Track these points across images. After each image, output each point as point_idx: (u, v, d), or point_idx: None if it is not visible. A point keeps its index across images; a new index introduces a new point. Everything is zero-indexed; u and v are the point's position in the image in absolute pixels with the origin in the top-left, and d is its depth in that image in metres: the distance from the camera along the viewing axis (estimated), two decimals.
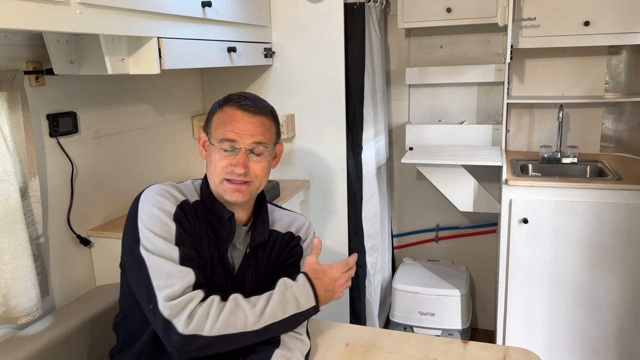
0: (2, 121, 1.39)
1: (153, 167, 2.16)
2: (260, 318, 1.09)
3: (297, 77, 2.41)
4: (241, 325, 1.07)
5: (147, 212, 1.13)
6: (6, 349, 1.38)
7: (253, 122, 1.18)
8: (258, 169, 1.19)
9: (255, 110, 1.18)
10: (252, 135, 1.17)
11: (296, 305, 1.13)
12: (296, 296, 1.14)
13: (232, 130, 1.16)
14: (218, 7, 1.86)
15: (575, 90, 2.71)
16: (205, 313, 1.06)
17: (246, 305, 1.10)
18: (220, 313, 1.07)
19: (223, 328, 1.06)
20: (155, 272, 1.08)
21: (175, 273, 1.08)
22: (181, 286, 1.07)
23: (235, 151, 1.17)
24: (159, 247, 1.10)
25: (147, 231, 1.11)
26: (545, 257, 2.30)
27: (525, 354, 1.30)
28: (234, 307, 1.09)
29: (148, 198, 1.16)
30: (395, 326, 2.80)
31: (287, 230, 1.32)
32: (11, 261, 1.39)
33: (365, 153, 2.52)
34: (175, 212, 1.15)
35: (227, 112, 1.18)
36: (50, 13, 1.18)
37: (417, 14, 2.65)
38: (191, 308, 1.06)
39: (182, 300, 1.06)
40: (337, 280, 1.19)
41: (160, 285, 1.07)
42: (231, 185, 1.17)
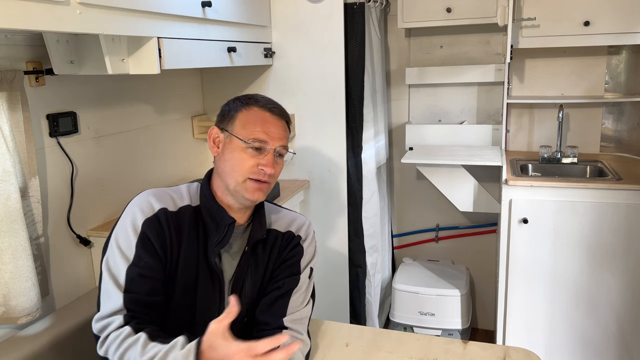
0: (2, 121, 1.39)
1: (153, 167, 2.16)
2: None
3: (297, 77, 2.41)
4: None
5: (121, 223, 1.17)
6: (6, 349, 1.38)
7: (281, 125, 1.22)
8: (278, 170, 1.23)
9: (281, 115, 1.23)
10: (280, 138, 1.21)
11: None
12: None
13: (264, 131, 1.18)
14: (218, 7, 1.86)
15: (575, 90, 2.72)
16: (113, 340, 1.09)
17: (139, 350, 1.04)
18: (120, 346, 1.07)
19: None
20: (103, 288, 1.14)
21: (110, 293, 1.12)
22: (110, 309, 1.11)
23: (263, 151, 1.18)
24: (113, 265, 1.14)
25: (114, 244, 1.16)
26: (545, 257, 2.30)
27: (525, 354, 1.30)
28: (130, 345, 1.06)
29: (128, 208, 1.19)
30: (395, 326, 2.80)
31: (287, 230, 1.32)
32: (11, 261, 1.39)
33: (365, 153, 2.52)
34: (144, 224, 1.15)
35: (256, 113, 1.20)
36: (50, 13, 1.18)
37: (417, 14, 2.65)
38: (107, 332, 1.10)
39: (105, 323, 1.11)
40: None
41: (101, 302, 1.14)
42: (254, 184, 1.18)
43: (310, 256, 1.32)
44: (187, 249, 1.19)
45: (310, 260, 1.32)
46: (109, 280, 1.13)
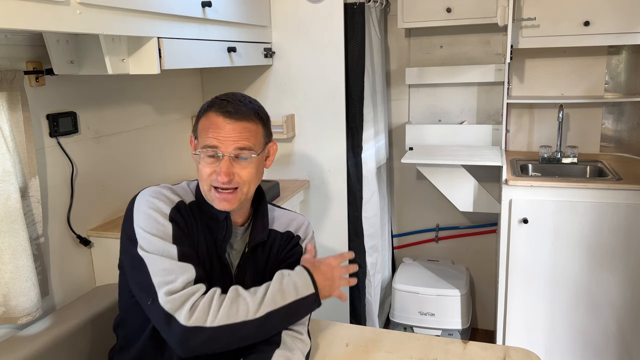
0: (2, 121, 1.39)
1: (153, 167, 2.16)
2: (261, 305, 1.09)
3: (297, 77, 2.41)
4: (243, 314, 1.07)
5: (143, 214, 1.13)
6: (6, 349, 1.38)
7: (236, 128, 1.13)
8: (244, 174, 1.15)
9: (238, 116, 1.14)
10: (234, 141, 1.13)
11: (295, 292, 1.13)
12: (294, 282, 1.14)
13: (214, 137, 1.13)
14: (218, 7, 1.86)
15: (575, 90, 2.71)
16: (207, 305, 1.06)
17: (246, 294, 1.10)
18: (221, 304, 1.07)
19: (225, 318, 1.06)
20: (154, 269, 1.08)
21: (174, 269, 1.08)
22: (182, 281, 1.07)
23: (219, 158, 1.14)
24: (156, 246, 1.10)
25: (144, 232, 1.11)
26: (545, 257, 2.30)
27: (525, 354, 1.30)
28: (234, 297, 1.09)
29: (142, 200, 1.16)
30: (395, 326, 2.80)
31: (286, 230, 1.32)
32: (11, 261, 1.39)
33: (365, 153, 2.52)
34: (171, 213, 1.15)
35: (210, 118, 1.14)
36: (50, 13, 1.18)
37: (417, 14, 2.65)
38: (193, 301, 1.05)
39: (184, 294, 1.06)
40: (334, 269, 1.20)
41: (160, 282, 1.07)
42: (218, 195, 1.15)
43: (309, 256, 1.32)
44: (202, 242, 1.19)
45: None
46: (159, 259, 1.08)
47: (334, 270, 1.20)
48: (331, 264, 1.20)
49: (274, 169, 2.52)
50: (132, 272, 1.13)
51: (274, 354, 1.18)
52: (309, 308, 1.16)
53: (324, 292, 1.17)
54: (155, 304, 1.06)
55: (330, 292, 1.19)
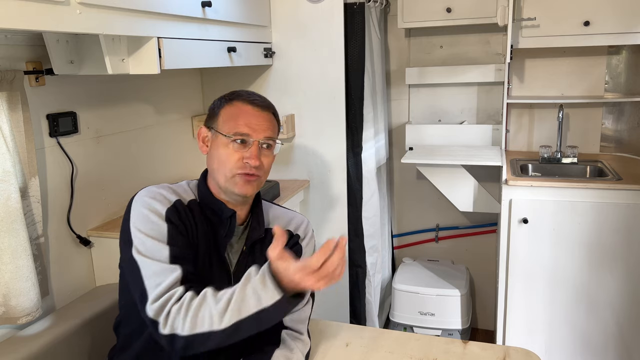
0: (2, 121, 1.39)
1: (153, 167, 2.16)
2: (224, 315, 1.02)
3: (297, 77, 2.41)
4: (207, 324, 1.02)
5: (139, 214, 1.14)
6: (6, 349, 1.38)
7: (264, 117, 1.20)
8: (267, 163, 1.21)
9: (265, 107, 1.22)
10: (264, 130, 1.19)
11: (257, 302, 1.01)
12: (256, 290, 1.02)
13: (245, 124, 1.18)
14: (218, 7, 1.86)
15: (575, 90, 2.71)
16: (177, 312, 1.04)
17: (212, 302, 1.04)
18: (188, 311, 1.04)
19: (192, 327, 1.03)
20: (147, 273, 1.09)
21: (162, 272, 1.09)
22: (167, 284, 1.07)
23: (247, 144, 1.18)
24: (150, 249, 1.11)
25: (139, 233, 1.12)
26: (545, 257, 2.30)
27: (525, 354, 1.30)
28: (199, 304, 1.04)
29: (140, 200, 1.17)
30: (395, 326, 2.80)
31: (285, 229, 1.32)
32: (11, 261, 1.39)
33: (365, 153, 2.52)
34: (167, 213, 1.15)
35: (238, 107, 1.20)
36: (50, 13, 1.18)
37: (417, 14, 2.65)
38: (169, 307, 1.05)
39: (164, 300, 1.06)
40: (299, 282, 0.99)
41: (150, 285, 1.08)
42: (243, 178, 1.18)
43: (309, 255, 1.32)
44: (201, 240, 1.20)
45: None
46: (151, 262, 1.09)
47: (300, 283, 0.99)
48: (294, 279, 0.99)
49: (274, 169, 2.50)
50: (128, 274, 1.14)
51: (274, 354, 1.18)
52: (282, 311, 1.04)
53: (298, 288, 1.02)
54: (144, 309, 1.07)
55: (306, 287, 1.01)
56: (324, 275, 0.98)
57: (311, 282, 0.98)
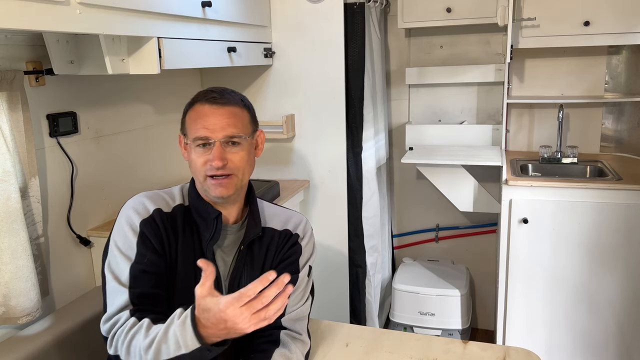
0: (2, 121, 1.39)
1: (153, 167, 2.16)
2: (148, 353, 1.01)
3: (297, 77, 2.41)
4: (137, 355, 1.04)
5: (118, 227, 1.18)
6: (6, 349, 1.38)
7: (223, 113, 1.16)
8: (237, 159, 1.17)
9: (223, 102, 1.17)
10: (223, 127, 1.15)
11: (177, 347, 0.97)
12: (176, 336, 0.98)
13: (203, 126, 1.15)
14: (218, 7, 1.86)
15: (575, 90, 2.71)
16: (119, 336, 1.09)
17: (142, 336, 1.04)
18: (125, 339, 1.07)
19: (127, 355, 1.07)
20: (108, 289, 1.15)
21: (116, 292, 1.13)
22: (116, 307, 1.12)
23: (210, 146, 1.16)
24: (115, 266, 1.15)
25: (114, 248, 1.16)
26: (545, 257, 2.30)
27: (525, 354, 1.30)
28: (134, 335, 1.06)
29: (123, 211, 1.20)
30: (395, 326, 2.80)
31: (284, 228, 1.31)
32: (11, 261, 1.39)
33: (365, 153, 2.52)
34: (141, 225, 1.16)
35: (196, 109, 1.18)
36: (50, 13, 1.18)
37: (417, 14, 2.65)
38: (115, 330, 1.10)
39: (112, 322, 1.11)
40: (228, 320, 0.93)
41: (107, 303, 1.14)
42: (213, 181, 1.16)
43: (308, 254, 1.32)
44: (184, 248, 1.19)
45: (309, 258, 1.31)
46: (112, 281, 1.14)
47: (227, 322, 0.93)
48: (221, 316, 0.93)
49: (274, 169, 2.52)
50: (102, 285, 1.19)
51: (274, 354, 1.18)
52: (202, 358, 0.98)
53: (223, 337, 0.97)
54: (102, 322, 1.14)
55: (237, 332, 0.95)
56: (258, 309, 0.92)
57: (243, 316, 0.91)
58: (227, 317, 0.92)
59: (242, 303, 0.92)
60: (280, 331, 1.24)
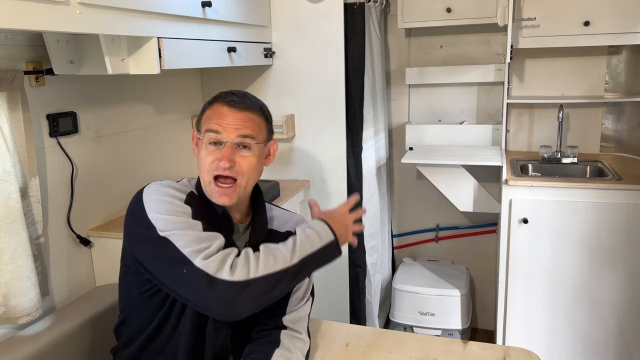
0: (2, 121, 1.39)
1: (153, 167, 2.16)
2: (294, 253, 1.11)
3: (297, 77, 2.41)
4: (281, 262, 1.09)
5: (157, 201, 1.12)
6: (6, 349, 1.38)
7: (239, 117, 1.17)
8: (245, 164, 1.16)
9: (243, 106, 1.18)
10: (237, 129, 1.15)
11: (319, 239, 1.16)
12: (317, 231, 1.17)
13: (218, 123, 1.15)
14: (218, 7, 1.86)
15: (575, 90, 2.71)
16: (246, 261, 1.07)
17: (278, 246, 1.13)
18: (259, 257, 1.09)
19: (265, 268, 1.07)
20: (182, 243, 1.06)
21: (204, 238, 1.09)
22: (216, 246, 1.08)
23: (221, 145, 1.15)
24: (179, 224, 1.09)
25: (163, 215, 1.10)
26: (545, 257, 2.30)
27: (525, 354, 1.30)
28: (268, 250, 1.11)
29: (152, 192, 1.15)
30: (395, 326, 2.80)
31: (285, 230, 1.32)
32: (11, 261, 1.39)
33: (365, 153, 2.52)
34: (186, 199, 1.16)
35: (214, 108, 1.18)
36: (50, 13, 1.18)
37: (417, 14, 2.65)
38: (231, 260, 1.06)
39: (221, 255, 1.06)
40: (346, 216, 1.24)
41: (192, 251, 1.06)
42: (218, 189, 1.16)
43: None
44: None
45: None
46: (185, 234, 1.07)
47: (346, 217, 1.24)
48: (342, 212, 1.25)
49: (274, 169, 2.52)
50: (158, 253, 1.09)
51: (274, 354, 1.18)
52: (332, 254, 1.18)
53: (341, 238, 1.20)
54: (192, 270, 1.04)
55: (346, 237, 1.23)
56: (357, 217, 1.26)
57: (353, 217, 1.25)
58: (344, 212, 1.25)
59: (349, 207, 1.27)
60: (281, 331, 1.24)
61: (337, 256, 1.19)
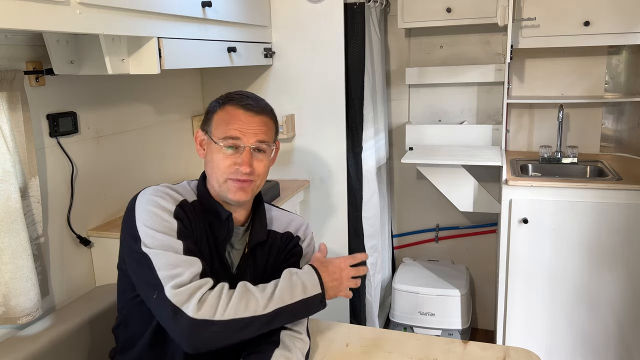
0: (2, 121, 1.39)
1: (153, 167, 2.16)
2: (270, 302, 1.08)
3: (297, 77, 2.41)
4: (252, 309, 1.06)
5: (146, 212, 1.13)
6: (6, 349, 1.38)
7: (256, 121, 1.18)
8: (261, 167, 1.19)
9: (258, 110, 1.19)
10: (255, 134, 1.17)
11: (303, 291, 1.12)
12: (303, 281, 1.13)
13: (236, 128, 1.16)
14: (218, 7, 1.86)
15: (575, 90, 2.71)
16: (216, 298, 1.05)
17: (255, 290, 1.10)
18: (230, 298, 1.06)
19: (234, 312, 1.04)
20: (160, 264, 1.06)
21: (181, 263, 1.07)
22: (189, 274, 1.06)
23: (239, 150, 1.16)
24: (161, 242, 1.09)
25: (148, 229, 1.10)
26: (545, 257, 2.30)
27: (525, 354, 1.30)
28: (243, 292, 1.08)
29: (145, 199, 1.15)
30: (395, 326, 2.80)
31: (285, 230, 1.32)
32: (11, 261, 1.39)
33: (365, 153, 2.52)
34: (175, 210, 1.15)
35: (229, 112, 1.18)
36: (50, 13, 1.18)
37: (417, 14, 2.65)
38: (201, 294, 1.04)
39: (191, 287, 1.04)
40: (343, 270, 1.19)
41: (166, 276, 1.05)
42: (235, 184, 1.17)
43: (309, 256, 1.33)
44: (203, 240, 1.19)
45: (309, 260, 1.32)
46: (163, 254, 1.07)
47: (343, 272, 1.19)
48: (340, 266, 1.20)
49: (274, 169, 2.51)
50: (137, 268, 1.11)
51: (274, 354, 1.18)
52: (314, 308, 1.15)
53: (331, 292, 1.17)
54: (161, 297, 1.04)
55: (337, 292, 1.19)
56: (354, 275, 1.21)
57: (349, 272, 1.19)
58: (343, 267, 1.19)
59: (354, 262, 1.21)
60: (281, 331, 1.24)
61: (320, 309, 1.16)
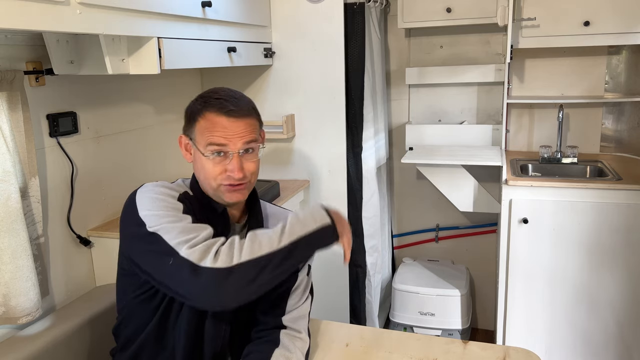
0: (2, 121, 1.39)
1: (153, 167, 2.16)
2: (282, 236, 1.06)
3: (297, 77, 2.41)
4: (267, 247, 1.04)
5: (149, 199, 1.11)
6: (6, 349, 1.38)
7: (241, 125, 1.15)
8: (252, 167, 1.18)
9: (241, 114, 1.15)
10: (241, 137, 1.14)
11: (314, 221, 1.11)
12: (312, 214, 1.12)
13: (221, 135, 1.13)
14: (218, 7, 1.86)
15: (575, 90, 2.71)
16: (230, 248, 1.04)
17: (265, 232, 1.09)
18: (243, 244, 1.05)
19: (249, 253, 1.03)
20: (170, 236, 1.05)
21: (192, 229, 1.06)
22: (202, 236, 1.05)
23: (227, 155, 1.15)
24: (168, 218, 1.08)
25: (153, 212, 1.09)
26: (545, 257, 2.30)
27: (525, 354, 1.30)
28: (254, 236, 1.07)
29: (146, 190, 1.14)
30: (395, 326, 2.80)
31: None
32: (11, 261, 1.39)
33: (365, 153, 2.52)
34: (179, 197, 1.16)
35: (211, 119, 1.14)
36: (50, 13, 1.18)
37: (417, 14, 2.65)
38: (216, 248, 1.03)
39: (206, 244, 1.03)
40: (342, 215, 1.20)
41: (179, 242, 1.04)
42: (229, 188, 1.16)
43: None
44: None
45: None
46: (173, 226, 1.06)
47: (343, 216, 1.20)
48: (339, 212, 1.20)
49: (274, 169, 2.52)
50: (146, 246, 1.08)
51: (273, 354, 1.18)
52: (328, 238, 1.13)
53: (339, 227, 1.15)
54: (177, 259, 1.02)
55: (343, 231, 1.17)
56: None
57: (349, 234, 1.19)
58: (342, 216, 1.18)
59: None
60: (280, 331, 1.24)
61: (333, 242, 1.14)
